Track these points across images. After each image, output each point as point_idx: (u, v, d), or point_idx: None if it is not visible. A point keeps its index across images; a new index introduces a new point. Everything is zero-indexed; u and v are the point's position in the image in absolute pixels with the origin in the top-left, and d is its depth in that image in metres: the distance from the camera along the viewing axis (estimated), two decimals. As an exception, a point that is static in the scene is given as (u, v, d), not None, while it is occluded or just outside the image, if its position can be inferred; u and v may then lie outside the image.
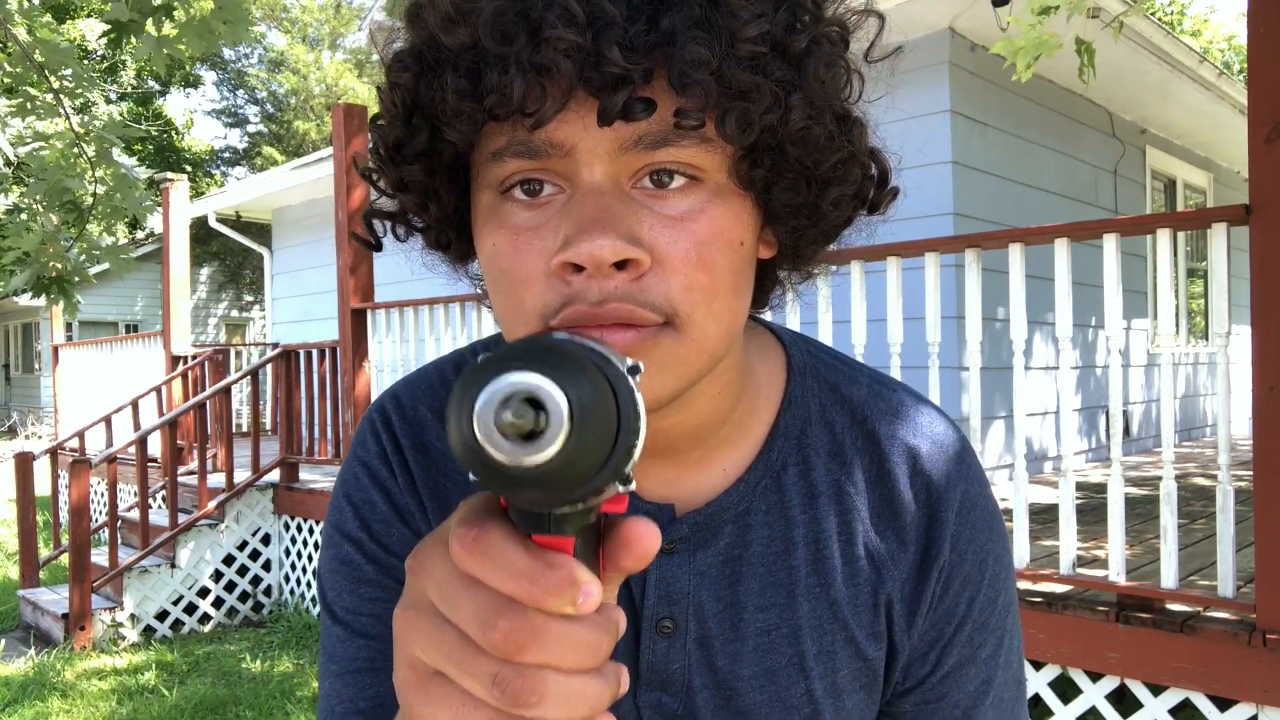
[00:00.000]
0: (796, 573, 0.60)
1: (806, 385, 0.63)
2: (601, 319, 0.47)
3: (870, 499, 0.61)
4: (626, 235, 0.46)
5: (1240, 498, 4.20)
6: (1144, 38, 5.59)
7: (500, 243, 0.49)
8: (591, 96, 0.45)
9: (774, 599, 0.60)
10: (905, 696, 0.63)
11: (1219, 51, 20.39)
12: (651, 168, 0.48)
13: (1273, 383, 2.23)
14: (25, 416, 18.86)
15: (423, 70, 0.48)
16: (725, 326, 0.51)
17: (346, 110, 5.16)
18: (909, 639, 0.61)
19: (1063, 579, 2.59)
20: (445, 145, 0.50)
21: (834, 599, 0.60)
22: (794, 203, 0.52)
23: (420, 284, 8.54)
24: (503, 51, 0.44)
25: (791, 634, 0.60)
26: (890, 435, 0.62)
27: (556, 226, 0.47)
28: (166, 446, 5.12)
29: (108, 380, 8.20)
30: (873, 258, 2.96)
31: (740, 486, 0.60)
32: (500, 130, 0.48)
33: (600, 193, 0.47)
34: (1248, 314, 2.34)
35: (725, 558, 0.60)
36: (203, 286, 18.78)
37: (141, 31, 2.99)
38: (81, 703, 3.93)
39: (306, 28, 24.42)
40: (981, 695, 0.63)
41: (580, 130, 0.46)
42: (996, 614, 0.63)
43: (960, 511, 0.61)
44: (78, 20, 17.72)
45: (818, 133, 0.49)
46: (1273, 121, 2.24)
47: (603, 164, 0.47)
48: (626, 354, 0.45)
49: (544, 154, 0.47)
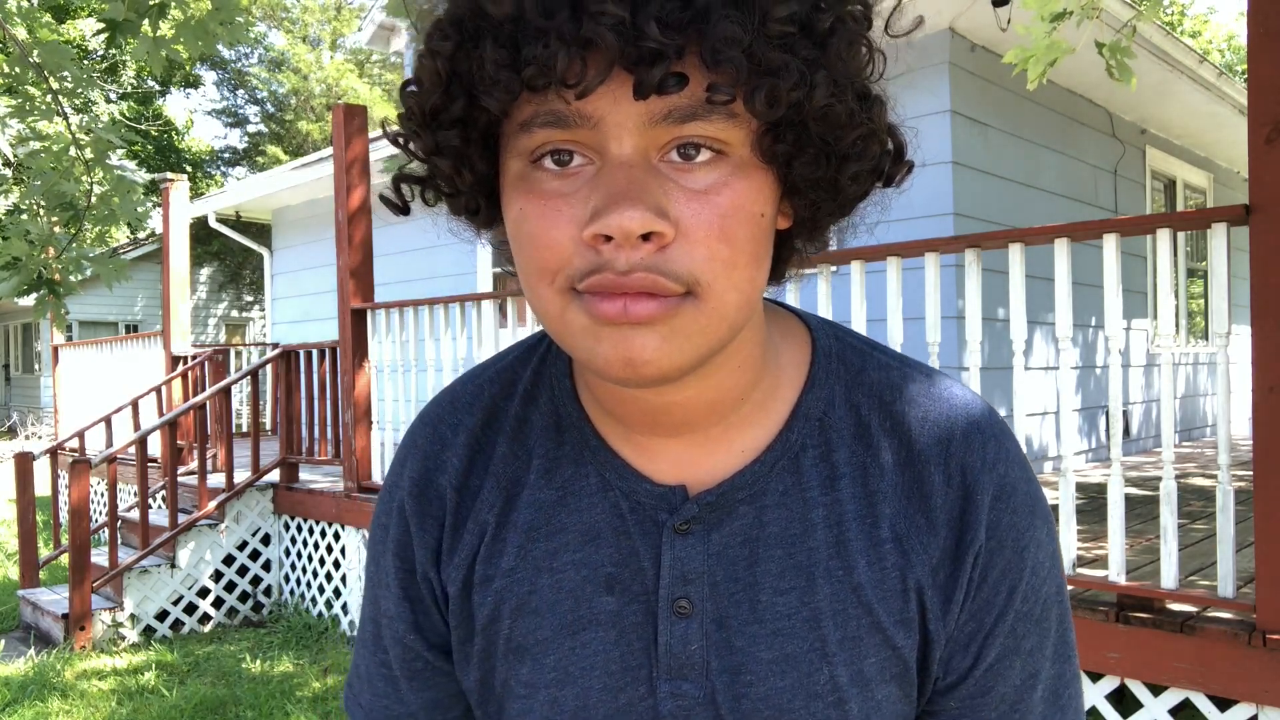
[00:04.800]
0: (816, 554, 0.59)
1: (832, 368, 0.63)
2: (627, 287, 0.49)
3: (897, 482, 0.60)
4: (654, 208, 0.48)
5: (1240, 498, 4.21)
6: (1145, 38, 5.59)
7: (528, 207, 0.51)
8: (625, 71, 0.46)
9: (793, 582, 0.59)
10: (950, 693, 0.61)
11: (1219, 52, 20.39)
12: (679, 141, 0.49)
13: (1273, 383, 2.23)
14: (25, 417, 18.86)
15: (463, 39, 0.49)
16: (745, 296, 0.52)
17: (346, 110, 5.16)
18: (944, 628, 0.59)
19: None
20: (480, 113, 0.51)
21: (857, 583, 0.59)
22: (814, 177, 0.53)
23: (420, 284, 8.55)
24: (545, 24, 0.46)
25: (812, 618, 0.59)
26: (921, 419, 0.61)
27: (586, 197, 0.49)
28: (166, 446, 5.12)
29: (108, 380, 8.20)
30: (873, 258, 2.96)
31: (756, 467, 0.60)
32: (530, 100, 0.49)
33: (629, 165, 0.49)
34: (1248, 314, 2.34)
35: (741, 539, 0.59)
36: (203, 286, 18.78)
37: (138, 31, 2.99)
38: (81, 703, 3.93)
39: (307, 28, 24.42)
40: (1029, 689, 0.61)
41: (610, 103, 0.48)
42: (1041, 604, 0.61)
43: (998, 496, 0.60)
44: (77, 20, 17.72)
45: (840, 110, 0.51)
46: (1273, 121, 2.23)
47: (631, 137, 0.49)
48: (650, 323, 0.49)
49: (573, 124, 0.49)
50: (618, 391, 0.58)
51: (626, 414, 0.60)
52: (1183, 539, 3.36)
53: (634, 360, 0.50)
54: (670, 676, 0.60)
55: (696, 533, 0.59)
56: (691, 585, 0.59)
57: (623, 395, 0.58)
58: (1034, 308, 5.38)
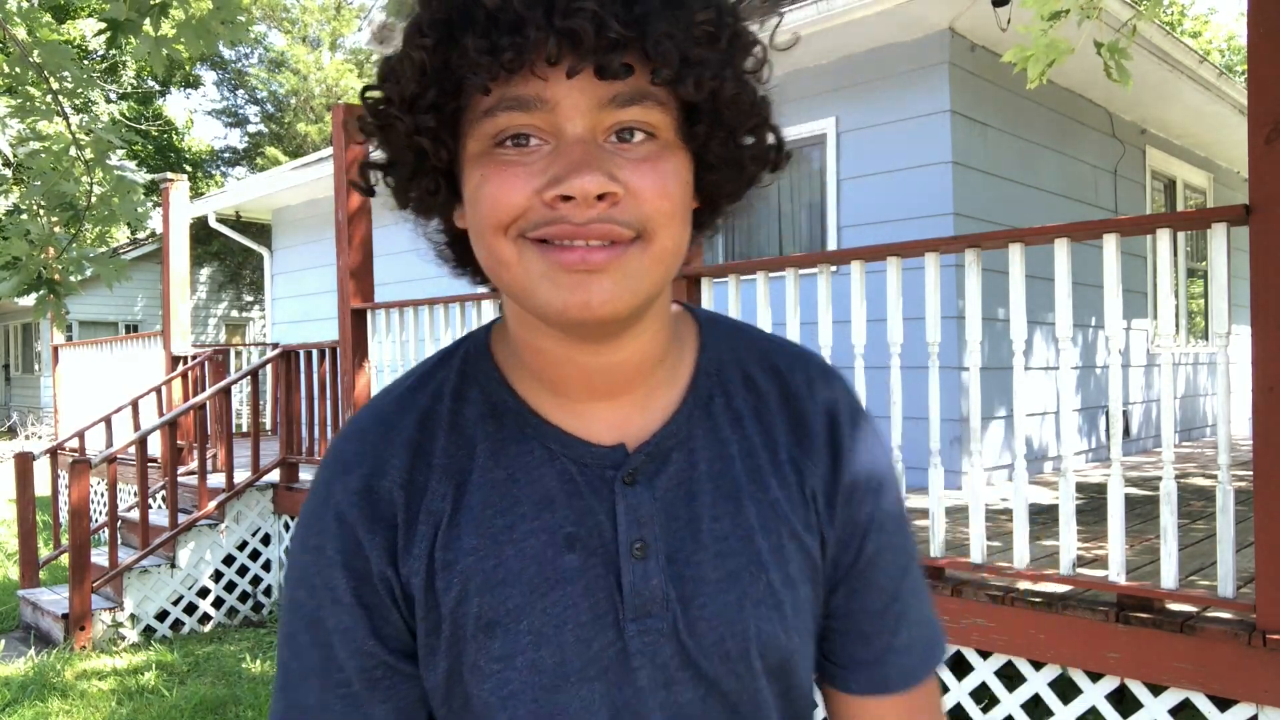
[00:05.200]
0: (738, 481, 0.70)
1: (716, 335, 0.76)
2: (585, 235, 0.58)
3: (783, 416, 0.73)
4: (607, 173, 0.58)
5: (1240, 498, 4.21)
6: (1144, 38, 5.59)
7: (489, 172, 0.60)
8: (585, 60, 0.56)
9: (725, 509, 0.69)
10: (836, 590, 0.73)
11: (1219, 52, 20.39)
12: (618, 125, 0.59)
13: (1272, 383, 2.23)
14: (25, 416, 18.86)
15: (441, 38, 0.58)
16: (678, 246, 0.63)
17: (346, 110, 5.16)
18: (832, 530, 0.72)
19: (1063, 579, 2.59)
20: (449, 100, 0.60)
21: (773, 499, 0.71)
22: (723, 155, 0.64)
23: (420, 284, 8.54)
24: (525, 15, 0.55)
25: (745, 535, 0.69)
26: (789, 367, 0.75)
27: (543, 168, 0.59)
28: (166, 447, 5.12)
29: (108, 380, 8.20)
30: (873, 258, 2.96)
31: (678, 418, 0.70)
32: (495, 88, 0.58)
33: (583, 141, 0.58)
34: (1248, 314, 2.34)
35: (677, 481, 0.69)
36: (203, 286, 18.78)
37: (138, 31, 2.99)
38: (81, 703, 3.93)
39: (306, 28, 24.42)
40: (901, 577, 0.75)
41: (566, 88, 0.58)
42: (897, 501, 0.75)
43: (851, 419, 0.74)
44: (77, 20, 17.72)
45: (744, 99, 0.63)
46: (1273, 121, 2.23)
47: (583, 119, 0.59)
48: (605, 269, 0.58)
49: (533, 108, 0.58)
50: (559, 360, 0.67)
51: (566, 382, 0.68)
52: (1183, 539, 3.36)
53: (590, 302, 0.59)
54: (636, 616, 0.66)
55: (641, 481, 0.68)
56: (645, 528, 0.67)
57: (563, 363, 0.67)
58: (1034, 308, 5.38)
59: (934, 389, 2.88)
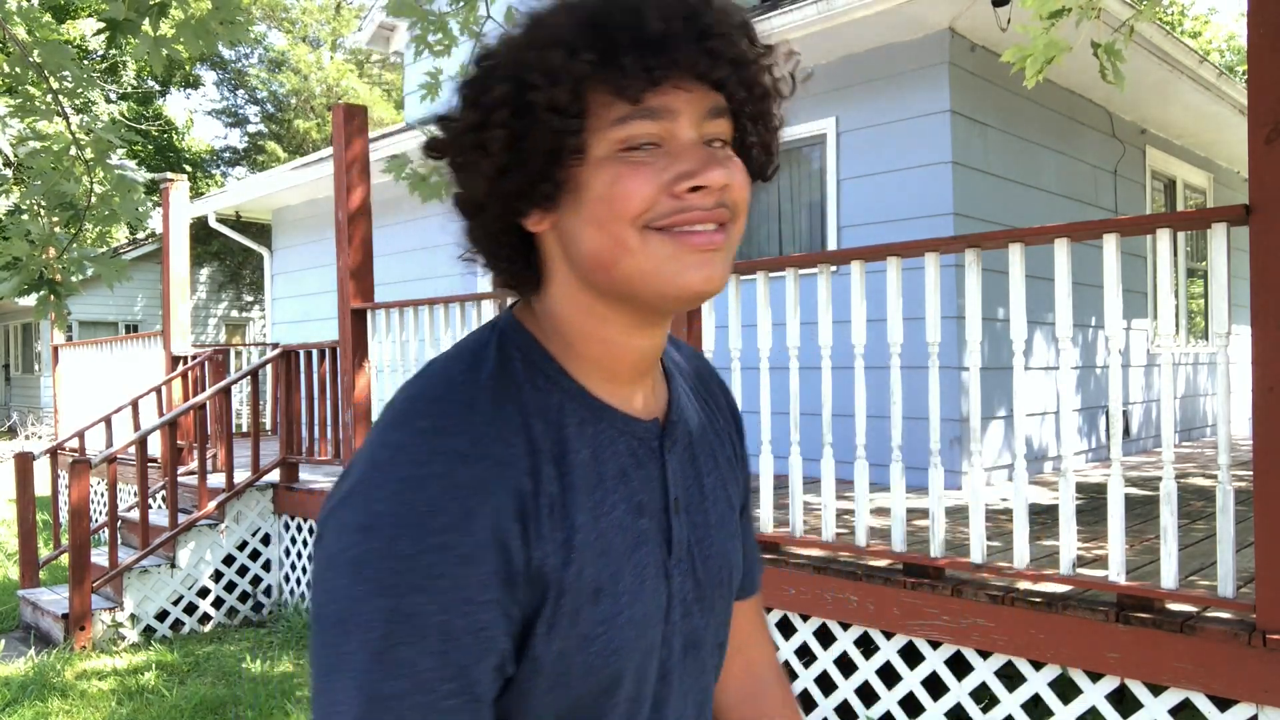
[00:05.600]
0: (711, 443, 0.88)
1: None
2: (712, 219, 0.70)
3: (707, 396, 0.92)
4: (725, 170, 0.70)
5: (1240, 498, 4.21)
6: (1144, 38, 5.59)
7: (623, 170, 0.69)
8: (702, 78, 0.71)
9: (711, 465, 0.87)
10: (741, 513, 0.93)
11: (1219, 52, 20.39)
12: (708, 136, 0.72)
13: (1273, 383, 2.23)
14: (25, 416, 18.87)
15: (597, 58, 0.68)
16: None
17: (346, 110, 5.16)
18: (742, 472, 0.94)
19: (1063, 579, 2.59)
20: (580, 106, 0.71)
21: (729, 455, 0.91)
22: (760, 162, 0.78)
23: (420, 284, 8.55)
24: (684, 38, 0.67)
25: (722, 484, 0.87)
26: (693, 355, 0.96)
27: (665, 166, 0.69)
28: (166, 447, 5.12)
29: (108, 380, 8.21)
30: (873, 258, 2.95)
31: (671, 395, 0.85)
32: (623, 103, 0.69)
33: (698, 144, 0.71)
34: (1248, 314, 2.34)
35: (684, 446, 0.84)
36: (203, 286, 18.78)
37: (138, 31, 2.99)
38: (81, 703, 3.93)
39: (307, 28, 24.43)
40: (750, 510, 0.97)
41: (684, 100, 0.70)
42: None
43: (730, 399, 0.97)
44: (77, 20, 17.71)
45: (779, 119, 0.77)
46: (1273, 121, 2.23)
47: (694, 128, 0.70)
48: (720, 249, 0.71)
49: (660, 116, 0.69)
50: (621, 347, 0.77)
51: (621, 365, 0.78)
52: (1183, 539, 3.36)
53: (713, 276, 0.70)
54: (677, 562, 0.80)
55: (670, 449, 0.82)
56: (678, 487, 0.82)
57: (625, 349, 0.77)
58: (1034, 308, 5.38)
59: (934, 389, 2.88)
